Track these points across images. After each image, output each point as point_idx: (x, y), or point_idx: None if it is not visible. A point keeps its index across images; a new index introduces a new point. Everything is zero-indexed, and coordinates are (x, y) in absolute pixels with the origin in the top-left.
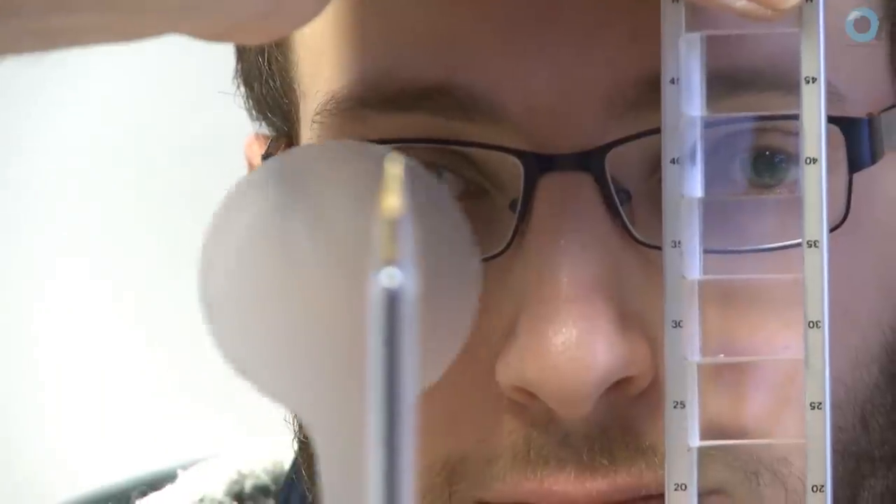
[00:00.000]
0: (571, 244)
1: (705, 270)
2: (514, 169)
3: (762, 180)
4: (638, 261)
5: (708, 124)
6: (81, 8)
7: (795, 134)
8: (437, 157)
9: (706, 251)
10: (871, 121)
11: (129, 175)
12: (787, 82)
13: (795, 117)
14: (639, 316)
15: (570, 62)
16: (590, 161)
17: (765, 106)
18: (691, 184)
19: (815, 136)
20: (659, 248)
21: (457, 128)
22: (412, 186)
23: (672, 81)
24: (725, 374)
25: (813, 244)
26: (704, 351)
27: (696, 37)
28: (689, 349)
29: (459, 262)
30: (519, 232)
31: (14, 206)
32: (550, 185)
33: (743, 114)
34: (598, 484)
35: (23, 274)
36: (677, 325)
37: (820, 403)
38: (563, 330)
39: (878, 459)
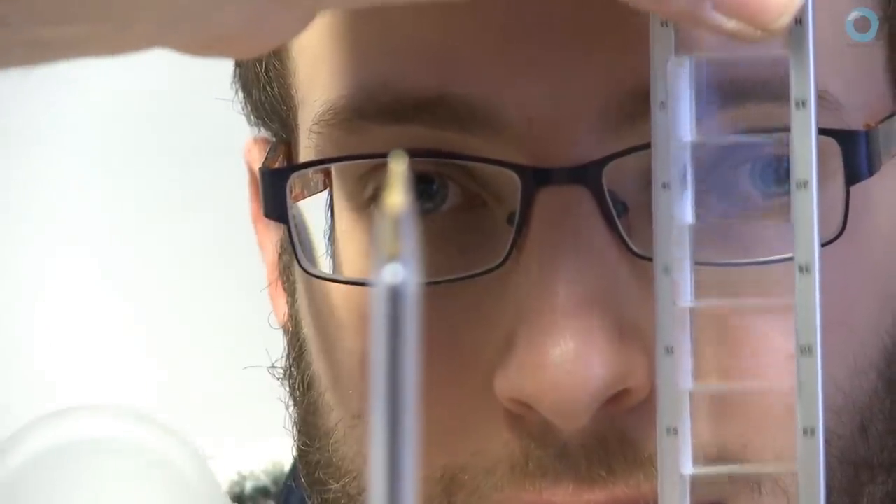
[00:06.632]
0: (568, 257)
1: (706, 282)
2: (511, 181)
3: (769, 188)
4: (635, 273)
5: (697, 147)
6: (70, 19)
7: None
8: (435, 167)
9: (701, 264)
10: (868, 133)
11: (127, 179)
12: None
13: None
14: (637, 328)
15: (565, 74)
16: (587, 174)
17: (768, 116)
18: (682, 209)
19: (806, 159)
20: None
21: (454, 139)
22: None
23: (662, 105)
24: (723, 397)
25: (805, 269)
26: (700, 368)
27: (685, 60)
28: (680, 376)
29: None
30: (516, 245)
31: (14, 208)
32: (547, 199)
33: (734, 137)
34: (595, 496)
35: (22, 275)
36: (669, 351)
37: (813, 430)
38: (561, 343)
39: (877, 466)
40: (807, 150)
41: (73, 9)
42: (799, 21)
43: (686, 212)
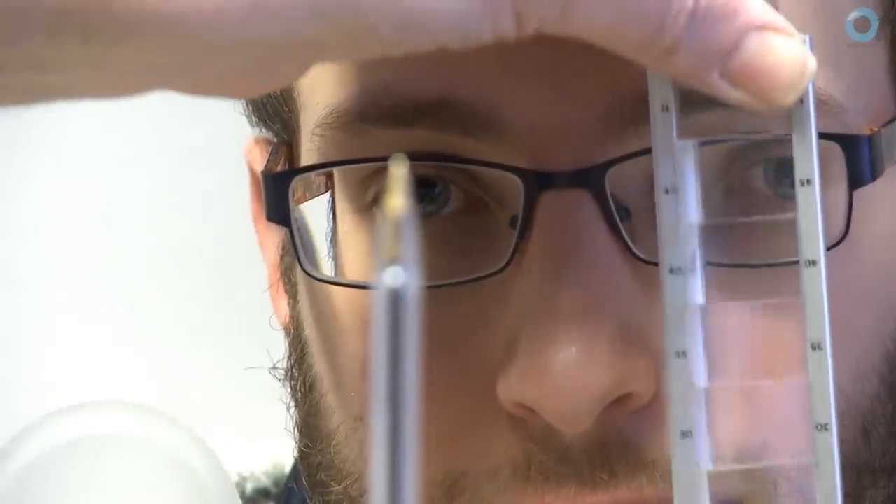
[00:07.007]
0: (571, 261)
1: (715, 283)
2: (514, 185)
3: (782, 189)
4: (638, 277)
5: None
6: (67, 67)
7: None
8: (438, 170)
9: (711, 264)
10: (871, 138)
11: (128, 179)
12: None
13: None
14: (639, 332)
15: (569, 78)
16: (589, 178)
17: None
18: (692, 292)
19: (812, 238)
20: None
21: (456, 143)
22: None
23: (666, 190)
24: (740, 400)
25: (817, 347)
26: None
27: (688, 143)
28: (698, 459)
29: None
30: (519, 249)
31: (14, 207)
32: (550, 203)
33: (741, 219)
34: (598, 499)
35: (22, 275)
36: (687, 435)
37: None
38: (563, 348)
39: (879, 470)
40: (813, 229)
41: (72, 58)
42: (801, 100)
43: (696, 294)
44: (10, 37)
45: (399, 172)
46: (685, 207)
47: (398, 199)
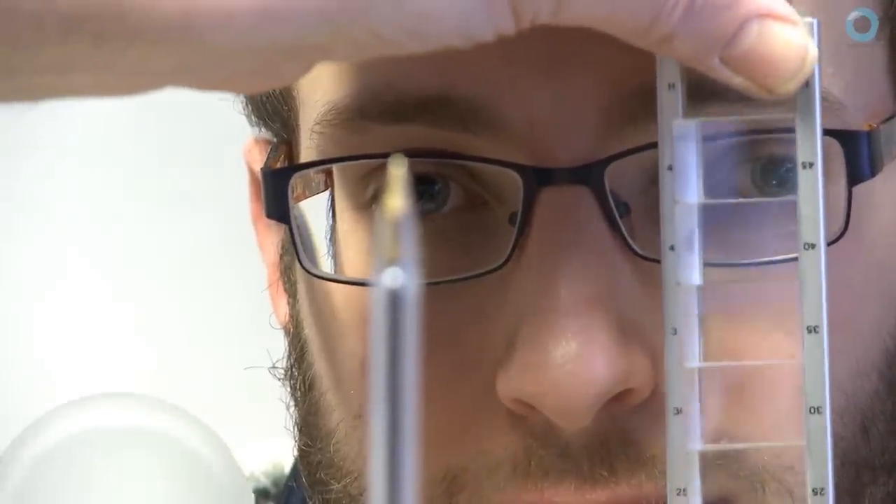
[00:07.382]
0: (570, 258)
1: (709, 278)
2: (513, 182)
3: (767, 188)
4: (637, 273)
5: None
6: (76, 69)
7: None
8: (437, 167)
9: (707, 264)
10: (870, 134)
11: (128, 180)
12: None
13: (772, 130)
14: (638, 327)
15: (567, 74)
16: (589, 175)
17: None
18: (689, 271)
19: (813, 221)
20: (658, 261)
21: (456, 139)
22: None
23: (669, 168)
24: (731, 384)
25: (813, 330)
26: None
27: (691, 122)
28: (689, 437)
29: None
30: (518, 245)
31: (12, 206)
32: (549, 199)
33: (742, 199)
34: (598, 495)
35: (22, 274)
36: (678, 412)
37: (823, 490)
38: (563, 343)
39: (878, 467)
40: (814, 212)
41: (82, 61)
42: (807, 83)
43: (693, 273)
44: (24, 42)
45: (398, 172)
46: (685, 186)
47: (397, 199)
